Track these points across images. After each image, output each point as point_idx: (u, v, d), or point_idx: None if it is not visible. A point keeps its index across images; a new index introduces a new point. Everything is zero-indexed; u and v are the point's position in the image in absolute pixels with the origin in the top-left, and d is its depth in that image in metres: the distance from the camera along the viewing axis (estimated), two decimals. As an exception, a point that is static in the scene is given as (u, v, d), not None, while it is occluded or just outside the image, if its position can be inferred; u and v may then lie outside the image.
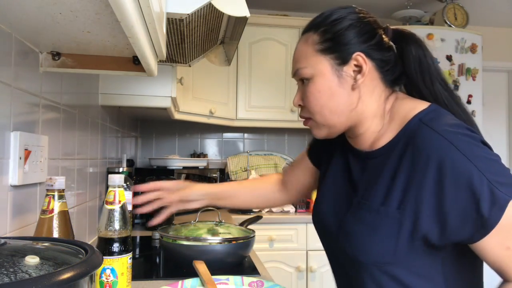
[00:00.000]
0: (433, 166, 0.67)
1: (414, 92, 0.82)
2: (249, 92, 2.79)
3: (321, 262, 2.45)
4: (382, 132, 0.79)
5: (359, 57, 0.77)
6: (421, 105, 0.76)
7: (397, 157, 0.73)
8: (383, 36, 0.80)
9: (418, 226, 0.69)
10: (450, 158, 0.66)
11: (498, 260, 0.68)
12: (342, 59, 0.78)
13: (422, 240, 0.70)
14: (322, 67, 0.78)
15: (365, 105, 0.79)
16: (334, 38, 0.78)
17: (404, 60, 0.80)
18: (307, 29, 0.82)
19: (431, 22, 2.80)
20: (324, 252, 0.91)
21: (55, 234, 0.85)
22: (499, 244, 0.66)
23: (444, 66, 2.54)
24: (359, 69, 0.78)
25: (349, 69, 0.78)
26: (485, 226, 0.64)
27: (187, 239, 1.18)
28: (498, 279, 0.73)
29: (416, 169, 0.69)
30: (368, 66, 0.77)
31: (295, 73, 0.83)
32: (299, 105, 0.84)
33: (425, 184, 0.68)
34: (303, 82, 0.82)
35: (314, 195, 0.96)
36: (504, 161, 3.41)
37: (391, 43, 0.81)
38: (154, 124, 2.98)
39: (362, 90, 0.78)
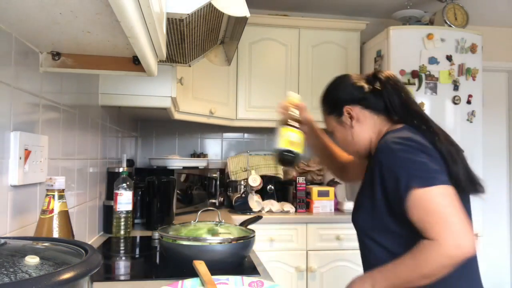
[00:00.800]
0: (378, 164, 1.05)
1: (394, 117, 1.16)
2: (249, 92, 2.79)
3: (321, 262, 2.45)
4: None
5: (347, 109, 1.18)
6: (396, 127, 1.13)
7: (373, 160, 1.11)
8: (364, 85, 1.18)
9: (378, 201, 1.06)
10: (386, 158, 1.04)
11: (417, 223, 0.98)
12: (339, 113, 1.20)
13: (385, 209, 1.06)
14: (332, 123, 1.25)
15: (362, 134, 1.18)
16: (330, 104, 1.25)
17: (384, 97, 1.15)
18: (320, 104, 1.30)
19: (431, 22, 2.80)
20: (324, 252, 1.29)
21: (55, 234, 0.85)
22: (414, 213, 0.98)
23: (444, 66, 2.54)
24: (350, 115, 1.18)
25: (344, 118, 1.20)
26: (402, 200, 0.99)
27: (187, 239, 1.18)
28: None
29: (374, 167, 1.06)
30: (355, 111, 1.17)
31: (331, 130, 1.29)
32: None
33: (377, 175, 1.05)
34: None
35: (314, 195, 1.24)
36: (504, 161, 3.42)
37: (371, 87, 1.17)
38: (154, 124, 2.98)
39: (357, 126, 1.18)
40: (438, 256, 0.93)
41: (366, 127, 1.18)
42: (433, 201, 0.97)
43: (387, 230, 1.08)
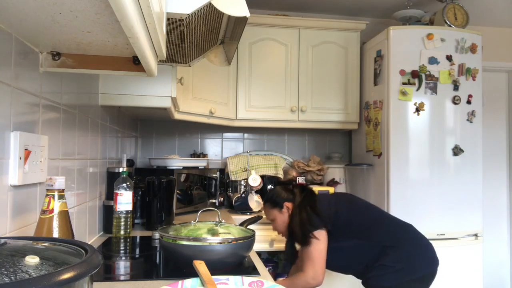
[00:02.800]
0: None
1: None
2: (249, 92, 2.79)
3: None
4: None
5: (287, 203, 1.90)
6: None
7: None
8: (290, 194, 1.93)
9: None
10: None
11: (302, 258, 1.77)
12: (280, 208, 1.91)
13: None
14: (275, 214, 1.92)
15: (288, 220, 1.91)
16: (274, 203, 1.93)
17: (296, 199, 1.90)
18: (264, 202, 2.00)
19: (431, 22, 2.80)
20: None
21: (55, 234, 0.85)
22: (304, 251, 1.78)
23: (444, 66, 2.53)
24: (287, 207, 1.89)
25: (284, 210, 1.90)
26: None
27: (187, 239, 1.18)
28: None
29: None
30: (290, 205, 1.89)
31: (270, 220, 1.97)
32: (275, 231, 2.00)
33: None
34: (272, 221, 1.95)
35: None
36: (504, 161, 3.42)
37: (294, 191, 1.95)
38: (154, 124, 2.98)
39: (287, 216, 1.90)
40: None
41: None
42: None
43: None
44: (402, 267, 1.69)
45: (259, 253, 2.56)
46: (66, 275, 0.43)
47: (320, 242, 1.74)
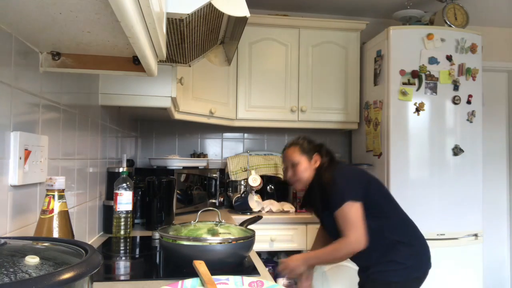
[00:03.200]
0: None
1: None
2: (249, 92, 2.79)
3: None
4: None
5: (316, 155, 1.87)
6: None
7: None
8: (319, 148, 1.91)
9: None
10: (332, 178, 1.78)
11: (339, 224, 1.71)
12: (309, 157, 1.87)
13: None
14: (303, 159, 1.87)
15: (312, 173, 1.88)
16: (305, 150, 1.89)
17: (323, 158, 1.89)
18: (291, 145, 1.93)
19: (431, 22, 2.80)
20: None
21: (55, 234, 0.85)
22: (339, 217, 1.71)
23: (444, 66, 2.53)
24: (315, 160, 1.87)
25: (312, 160, 1.87)
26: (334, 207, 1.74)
27: (187, 239, 1.18)
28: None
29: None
30: (318, 159, 1.87)
31: (289, 162, 1.91)
32: (290, 176, 1.92)
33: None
34: (293, 166, 1.89)
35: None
36: (504, 160, 3.42)
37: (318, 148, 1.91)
38: (154, 124, 2.98)
39: (313, 167, 1.87)
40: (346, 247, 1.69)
41: (315, 166, 1.89)
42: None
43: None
44: (411, 264, 1.70)
45: (259, 253, 2.56)
46: (66, 275, 0.43)
47: (357, 207, 1.67)
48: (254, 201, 2.58)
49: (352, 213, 1.67)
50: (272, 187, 2.84)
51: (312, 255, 1.80)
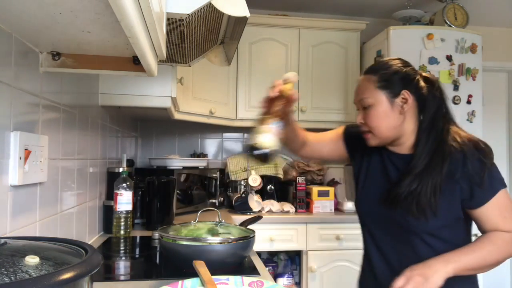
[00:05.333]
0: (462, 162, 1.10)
1: (425, 120, 1.18)
2: (249, 92, 2.79)
3: (321, 262, 2.45)
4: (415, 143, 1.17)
5: (406, 93, 1.14)
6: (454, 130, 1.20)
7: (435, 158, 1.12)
8: (420, 80, 1.17)
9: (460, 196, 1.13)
10: (470, 158, 1.11)
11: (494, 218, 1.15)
12: (394, 94, 1.15)
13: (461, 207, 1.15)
14: (380, 98, 1.15)
15: (406, 125, 1.16)
16: (389, 79, 1.15)
17: (428, 98, 1.17)
18: (368, 72, 1.21)
19: (431, 22, 2.80)
20: (324, 252, 1.17)
21: None
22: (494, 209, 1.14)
23: (444, 66, 2.53)
24: (405, 100, 1.14)
25: (398, 100, 1.15)
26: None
27: (187, 239, 1.18)
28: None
29: (453, 164, 1.10)
30: (411, 99, 1.14)
31: (360, 101, 1.20)
32: (361, 122, 1.22)
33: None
34: (365, 107, 1.18)
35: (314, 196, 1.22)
36: (504, 160, 3.42)
37: (424, 84, 1.17)
38: (154, 124, 2.98)
39: (405, 115, 1.15)
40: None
41: (413, 118, 1.17)
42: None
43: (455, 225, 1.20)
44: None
45: (259, 253, 2.56)
46: (66, 275, 0.43)
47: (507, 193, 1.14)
48: (254, 201, 2.58)
49: (507, 197, 1.14)
50: (272, 187, 2.84)
51: (461, 258, 1.11)
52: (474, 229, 1.28)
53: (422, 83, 1.17)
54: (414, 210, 1.10)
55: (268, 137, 1.05)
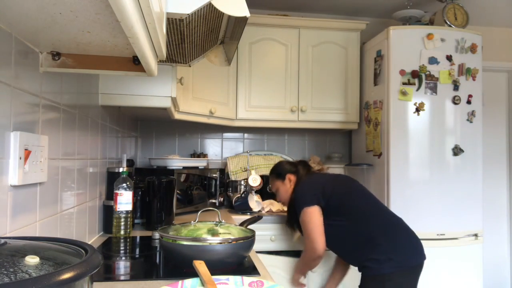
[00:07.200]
0: None
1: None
2: (249, 92, 2.79)
3: (321, 262, 2.45)
4: None
5: (289, 175, 2.13)
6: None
7: None
8: (293, 167, 2.17)
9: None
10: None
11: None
12: (283, 179, 2.14)
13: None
14: (279, 184, 2.17)
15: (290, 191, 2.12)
16: (278, 175, 2.18)
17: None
18: (270, 173, 2.25)
19: (431, 22, 2.80)
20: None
21: None
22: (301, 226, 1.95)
23: (444, 66, 2.53)
24: (289, 179, 2.12)
25: (286, 181, 2.14)
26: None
27: (187, 239, 1.18)
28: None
29: None
30: (292, 177, 2.12)
31: (275, 190, 2.22)
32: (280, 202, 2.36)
33: None
34: (276, 192, 2.21)
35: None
36: (504, 160, 3.41)
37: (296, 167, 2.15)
38: (154, 124, 2.98)
39: (290, 187, 2.11)
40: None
41: (291, 185, 2.12)
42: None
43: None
44: (393, 257, 1.75)
45: (259, 253, 2.55)
46: (66, 275, 0.43)
47: (312, 216, 1.85)
48: (254, 201, 2.58)
49: (307, 218, 1.87)
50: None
51: (296, 266, 2.17)
52: (474, 229, 1.28)
53: (299, 166, 2.16)
54: None
55: None
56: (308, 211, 1.87)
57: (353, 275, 1.93)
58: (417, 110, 2.49)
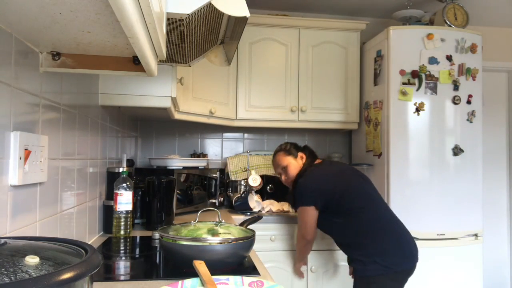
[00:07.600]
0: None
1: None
2: (249, 92, 2.79)
3: (321, 262, 2.45)
4: None
5: (301, 153, 2.18)
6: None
7: None
8: (304, 148, 2.24)
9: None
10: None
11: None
12: (295, 156, 2.18)
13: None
14: (290, 159, 2.18)
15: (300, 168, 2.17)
16: (289, 151, 2.20)
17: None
18: (276, 152, 2.26)
19: (431, 22, 2.80)
20: (324, 252, 1.59)
21: None
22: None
23: (444, 66, 2.53)
24: (301, 156, 2.18)
25: (298, 158, 2.17)
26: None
27: (187, 239, 1.18)
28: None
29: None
30: (304, 155, 2.18)
31: (282, 168, 2.20)
32: (286, 181, 2.23)
33: None
34: (283, 169, 2.19)
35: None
36: (504, 160, 3.41)
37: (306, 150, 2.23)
38: (154, 124, 2.98)
39: (301, 163, 2.17)
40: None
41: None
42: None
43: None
44: (379, 260, 1.79)
45: (259, 253, 2.55)
46: (66, 275, 0.43)
47: (306, 215, 1.98)
48: (254, 201, 2.58)
49: (302, 216, 2.01)
50: (272, 187, 2.84)
51: (296, 256, 2.32)
52: (474, 229, 1.28)
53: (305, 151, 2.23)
54: None
55: None
56: (303, 209, 1.99)
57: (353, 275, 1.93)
58: (417, 110, 2.49)
